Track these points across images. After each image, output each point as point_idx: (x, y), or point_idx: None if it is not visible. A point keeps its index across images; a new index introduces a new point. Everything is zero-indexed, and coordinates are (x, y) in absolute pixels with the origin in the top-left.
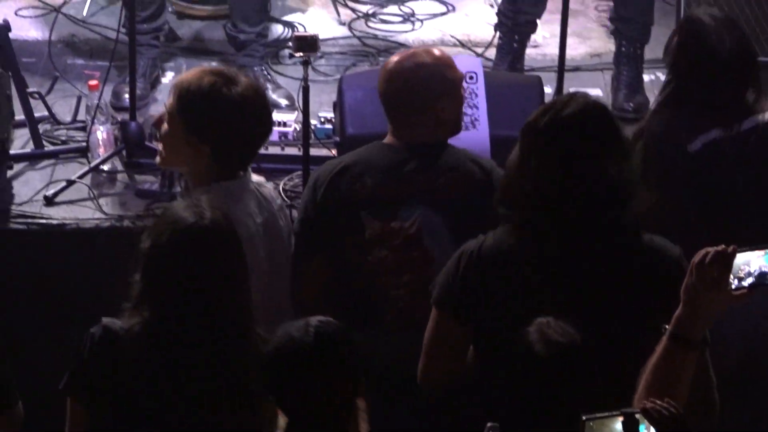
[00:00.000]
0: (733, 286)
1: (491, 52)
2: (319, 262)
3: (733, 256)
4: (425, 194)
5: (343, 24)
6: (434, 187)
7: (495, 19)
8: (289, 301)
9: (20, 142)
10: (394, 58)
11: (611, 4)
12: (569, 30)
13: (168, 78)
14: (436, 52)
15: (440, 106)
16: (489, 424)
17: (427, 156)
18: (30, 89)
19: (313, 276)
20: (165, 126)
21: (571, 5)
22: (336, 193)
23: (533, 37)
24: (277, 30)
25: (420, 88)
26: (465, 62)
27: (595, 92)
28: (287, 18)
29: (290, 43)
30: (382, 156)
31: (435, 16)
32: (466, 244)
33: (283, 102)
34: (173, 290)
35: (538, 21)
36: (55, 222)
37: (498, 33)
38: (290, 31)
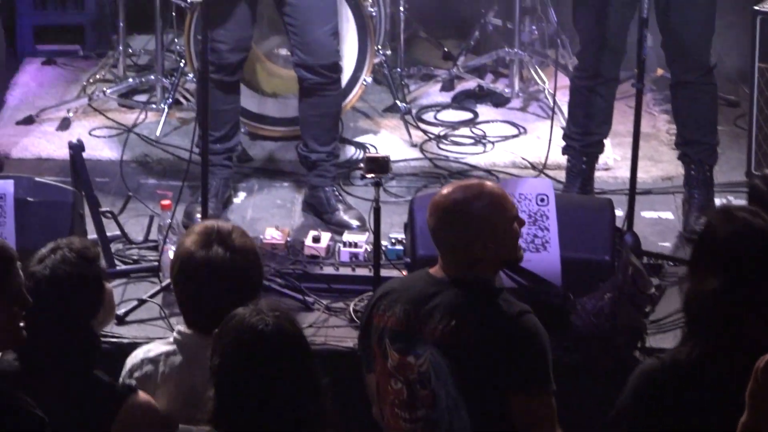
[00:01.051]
0: None
1: (563, 175)
2: (372, 378)
3: None
4: (435, 335)
5: (415, 145)
6: (446, 330)
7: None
8: None
9: None
10: (442, 190)
11: None
12: (641, 153)
13: (240, 198)
14: (487, 188)
15: (475, 244)
16: None
17: (456, 294)
18: (103, 208)
19: (372, 391)
20: None
21: (643, 128)
22: (374, 317)
23: (604, 159)
24: (349, 151)
25: (454, 224)
26: (536, 185)
27: (666, 215)
28: (359, 139)
29: (362, 164)
30: (418, 286)
31: (506, 138)
32: (643, 364)
33: (354, 223)
34: (247, 401)
35: (605, 141)
36: (126, 341)
37: (566, 155)
38: (362, 152)
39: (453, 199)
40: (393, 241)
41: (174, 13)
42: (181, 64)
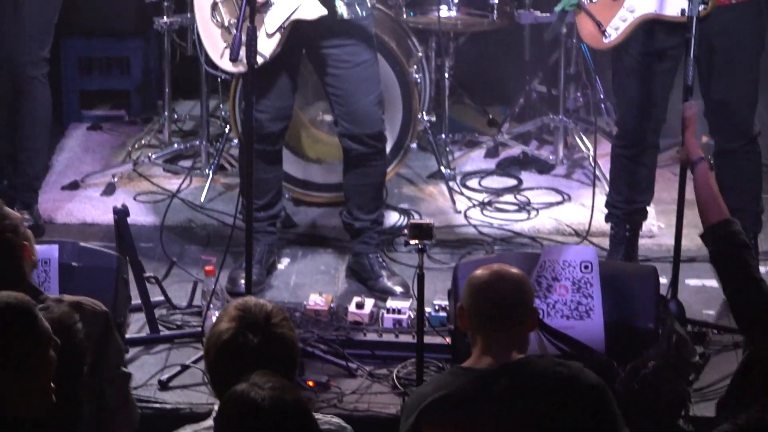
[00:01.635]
0: None
1: (607, 242)
2: None
3: None
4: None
5: (459, 212)
6: (519, 420)
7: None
8: None
9: (136, 326)
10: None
11: None
12: (685, 220)
13: (284, 264)
14: (508, 272)
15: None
16: None
17: (513, 379)
18: (147, 274)
19: None
20: None
21: (687, 196)
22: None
23: (648, 227)
24: (393, 217)
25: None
26: (580, 252)
27: (711, 283)
28: (403, 205)
29: (406, 231)
30: (463, 384)
31: (550, 205)
32: (719, 428)
33: (398, 289)
34: None
35: (649, 208)
36: (169, 406)
37: (610, 223)
38: (406, 218)
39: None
40: (436, 307)
41: (219, 80)
42: (226, 130)
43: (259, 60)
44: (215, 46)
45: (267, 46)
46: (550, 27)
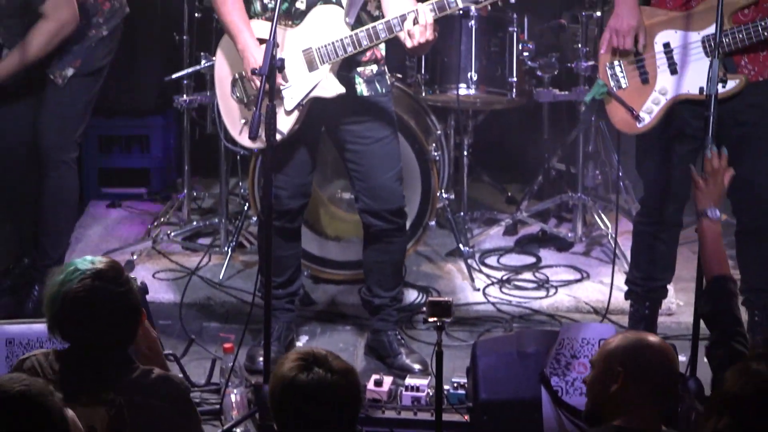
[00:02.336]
0: None
1: (626, 320)
2: None
3: None
4: None
5: (478, 290)
6: None
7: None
8: None
9: None
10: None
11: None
12: None
13: (303, 341)
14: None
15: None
16: None
17: None
18: (166, 351)
19: None
20: None
21: None
22: None
23: (667, 304)
24: (412, 295)
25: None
26: (599, 330)
27: None
28: (421, 283)
29: (424, 308)
30: None
31: (569, 282)
32: None
33: (417, 366)
34: None
35: (669, 287)
36: None
37: (629, 300)
38: (424, 296)
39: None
40: (455, 385)
41: (238, 157)
42: (245, 208)
43: (278, 137)
44: (234, 121)
45: (286, 123)
46: (581, 119)
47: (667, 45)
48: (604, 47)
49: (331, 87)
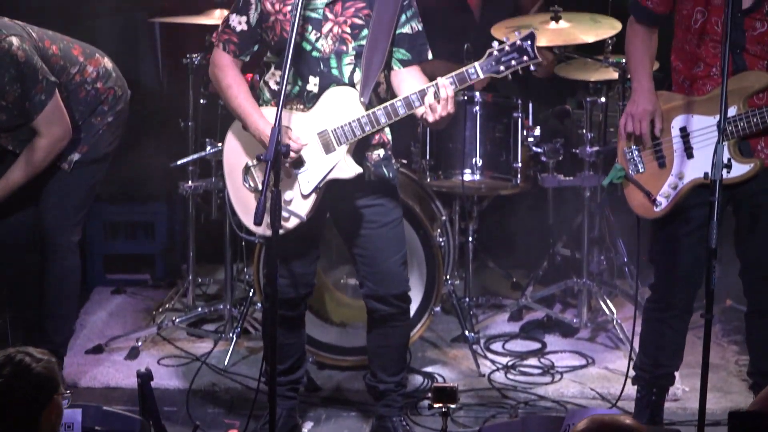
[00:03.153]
0: None
1: (632, 405)
2: None
3: None
4: None
5: (483, 375)
6: None
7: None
8: None
9: None
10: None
11: None
12: (709, 384)
13: (308, 428)
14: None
15: None
16: None
17: None
18: None
19: None
20: None
21: (712, 359)
22: None
23: (673, 390)
24: (417, 380)
25: None
26: None
27: None
28: (426, 369)
29: (429, 394)
30: None
31: (574, 368)
32: None
33: None
34: None
35: (676, 374)
36: None
37: (636, 386)
38: (429, 381)
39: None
40: None
41: (243, 243)
42: (250, 294)
43: (296, 221)
44: (248, 210)
45: (303, 207)
46: (599, 203)
47: (683, 129)
48: (621, 132)
49: (349, 168)
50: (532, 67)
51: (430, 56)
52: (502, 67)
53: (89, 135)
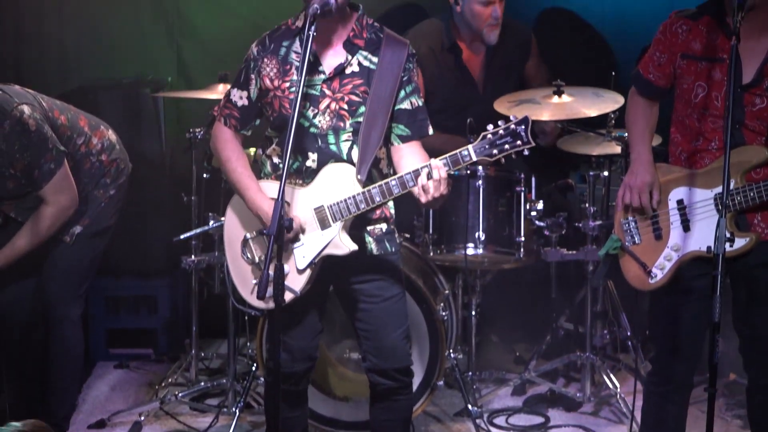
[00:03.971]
0: None
1: None
2: None
3: None
4: None
5: None
6: None
7: None
8: None
9: None
10: None
11: None
12: None
13: None
14: None
15: None
16: None
17: None
18: None
19: None
20: None
21: None
22: None
23: None
24: None
25: None
26: None
27: None
28: None
29: None
30: None
31: None
32: None
33: None
34: None
35: None
36: None
37: None
38: None
39: None
40: None
41: (246, 317)
42: (253, 368)
43: (290, 296)
44: (245, 282)
45: (298, 282)
46: (595, 274)
47: (680, 202)
48: (619, 203)
49: (343, 244)
50: (525, 152)
51: (430, 131)
52: (495, 151)
53: (91, 208)
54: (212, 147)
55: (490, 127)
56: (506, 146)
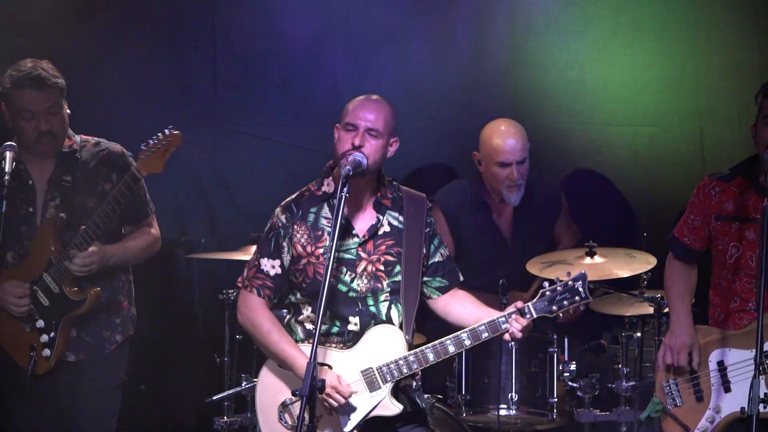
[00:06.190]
0: None
1: None
2: None
3: None
4: None
5: None
6: None
7: None
8: None
9: None
10: None
11: None
12: None
13: None
14: None
15: None
16: None
17: None
18: None
19: None
20: None
21: None
22: None
23: None
24: None
25: None
26: None
27: None
28: None
29: None
30: None
31: None
32: None
33: None
34: None
35: None
36: None
37: None
38: None
39: None
40: None
41: None
42: None
43: None
44: None
45: None
46: None
47: (721, 363)
48: (659, 364)
49: (392, 405)
50: (582, 308)
51: (461, 277)
52: (554, 307)
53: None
54: (244, 318)
55: (547, 284)
56: (565, 302)
